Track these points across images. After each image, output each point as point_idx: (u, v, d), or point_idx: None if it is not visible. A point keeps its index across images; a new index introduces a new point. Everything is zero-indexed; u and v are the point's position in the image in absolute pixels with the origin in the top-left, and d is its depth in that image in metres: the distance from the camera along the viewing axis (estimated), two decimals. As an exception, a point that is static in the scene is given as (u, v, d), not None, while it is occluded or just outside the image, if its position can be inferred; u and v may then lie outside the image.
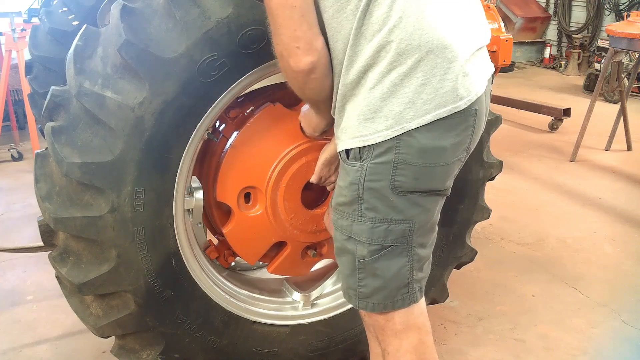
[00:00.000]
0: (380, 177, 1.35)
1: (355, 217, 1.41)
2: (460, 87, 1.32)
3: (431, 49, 1.29)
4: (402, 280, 1.45)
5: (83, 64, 1.58)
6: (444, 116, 1.32)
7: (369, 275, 1.44)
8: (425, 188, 1.39)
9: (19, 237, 3.60)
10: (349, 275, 1.48)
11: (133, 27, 1.51)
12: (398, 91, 1.30)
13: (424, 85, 1.30)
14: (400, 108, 1.30)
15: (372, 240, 1.40)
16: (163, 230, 1.71)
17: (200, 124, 1.65)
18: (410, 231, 1.41)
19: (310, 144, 1.92)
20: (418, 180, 1.36)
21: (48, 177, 1.65)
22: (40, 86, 2.98)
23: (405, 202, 1.38)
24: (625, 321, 2.78)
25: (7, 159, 4.99)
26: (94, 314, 1.79)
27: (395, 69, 1.30)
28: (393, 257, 1.42)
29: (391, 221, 1.39)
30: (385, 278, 1.44)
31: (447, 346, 2.57)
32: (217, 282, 1.97)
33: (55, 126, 1.58)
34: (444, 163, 1.38)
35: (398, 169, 1.34)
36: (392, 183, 1.35)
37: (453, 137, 1.36)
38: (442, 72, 1.30)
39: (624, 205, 4.14)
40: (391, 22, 1.28)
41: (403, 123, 1.31)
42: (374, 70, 1.31)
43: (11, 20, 4.80)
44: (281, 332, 2.07)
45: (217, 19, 1.53)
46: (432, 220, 1.47)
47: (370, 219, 1.39)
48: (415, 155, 1.33)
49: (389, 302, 1.46)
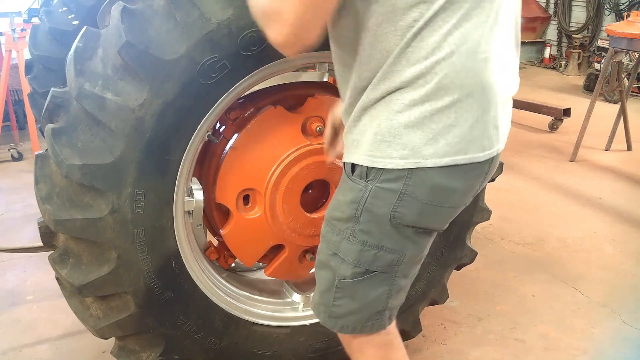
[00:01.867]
0: (382, 203, 1.29)
1: (346, 235, 1.35)
2: (486, 139, 1.27)
3: (472, 92, 1.22)
4: (376, 307, 1.41)
5: (83, 66, 1.58)
6: (461, 164, 1.26)
7: (346, 296, 1.40)
8: (425, 226, 1.34)
9: (19, 237, 3.60)
10: (325, 291, 1.44)
11: (133, 28, 1.51)
12: (425, 124, 1.22)
13: (452, 127, 1.23)
14: (422, 142, 1.23)
15: (358, 263, 1.35)
16: (163, 232, 1.71)
17: (200, 126, 1.65)
18: (399, 262, 1.36)
19: (310, 147, 1.91)
20: (420, 217, 1.31)
21: (48, 178, 1.65)
22: (40, 86, 2.98)
23: (399, 235, 1.33)
24: (625, 321, 2.78)
25: (7, 159, 4.98)
26: (94, 315, 1.79)
27: (430, 101, 1.21)
28: (375, 283, 1.38)
29: (382, 248, 1.33)
30: (362, 302, 1.39)
31: (447, 346, 2.57)
32: (217, 283, 1.97)
33: (55, 128, 1.58)
34: (451, 206, 1.33)
35: (403, 201, 1.27)
36: (393, 213, 1.29)
37: (466, 180, 1.30)
38: (474, 119, 1.24)
39: (624, 205, 4.14)
40: (441, 54, 1.19)
41: (419, 158, 1.23)
42: (406, 95, 1.23)
43: (11, 20, 4.79)
44: (281, 333, 2.07)
45: (217, 20, 1.53)
46: (421, 255, 1.43)
47: (362, 241, 1.33)
48: (424, 191, 1.27)
49: (357, 326, 1.43)
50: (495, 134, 1.29)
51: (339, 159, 1.57)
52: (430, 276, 2.21)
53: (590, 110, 5.02)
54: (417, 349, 2.54)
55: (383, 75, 1.24)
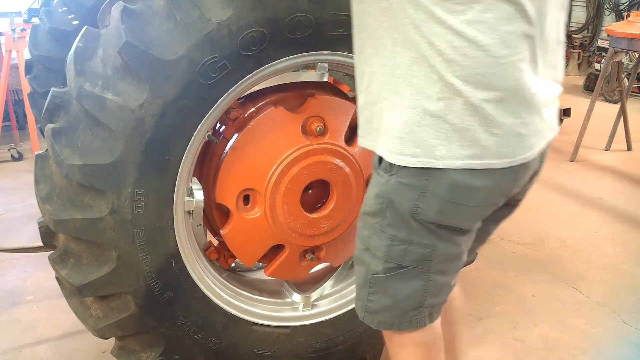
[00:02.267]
0: (404, 198, 1.25)
1: (375, 230, 1.32)
2: (504, 147, 1.19)
3: (499, 90, 1.15)
4: (413, 303, 1.36)
5: (83, 66, 1.58)
6: (476, 168, 1.20)
7: (380, 292, 1.37)
8: (448, 224, 1.28)
9: (19, 237, 3.60)
10: (361, 285, 1.41)
11: (133, 28, 1.51)
12: (438, 124, 1.17)
13: (467, 131, 1.17)
14: (434, 141, 1.18)
15: (388, 258, 1.32)
16: (163, 232, 1.71)
17: (200, 126, 1.65)
18: (431, 257, 1.31)
19: (310, 147, 1.91)
20: (442, 214, 1.26)
21: (48, 178, 1.65)
22: (40, 86, 2.98)
23: (425, 230, 1.28)
24: (625, 321, 2.78)
25: (7, 159, 4.99)
26: (94, 315, 1.79)
27: (444, 100, 1.16)
28: (408, 278, 1.33)
29: (411, 242, 1.29)
30: (396, 298, 1.36)
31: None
32: (217, 283, 1.97)
33: (55, 128, 1.58)
34: (475, 204, 1.26)
35: (424, 197, 1.23)
36: (414, 209, 1.25)
37: (490, 180, 1.23)
38: (492, 124, 1.17)
39: (624, 205, 4.14)
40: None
41: (431, 158, 1.19)
42: (422, 90, 1.18)
43: (11, 20, 4.80)
44: (281, 333, 2.07)
45: (217, 20, 1.53)
46: (456, 251, 1.36)
47: (390, 236, 1.30)
48: (444, 189, 1.22)
49: (395, 322, 1.39)
50: (518, 142, 1.20)
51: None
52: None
53: (590, 110, 5.02)
54: (417, 349, 2.54)
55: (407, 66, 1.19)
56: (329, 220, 2.02)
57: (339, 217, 2.04)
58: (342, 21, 1.67)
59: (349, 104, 2.01)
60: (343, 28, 1.69)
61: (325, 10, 1.64)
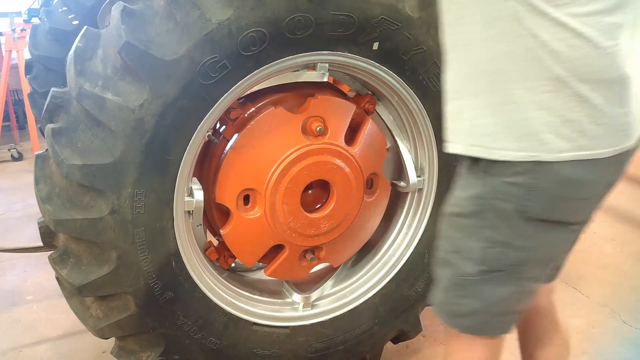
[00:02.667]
0: (510, 198, 1.21)
1: (469, 231, 1.28)
2: (610, 136, 1.17)
3: (602, 83, 1.14)
4: (502, 308, 1.33)
5: (83, 66, 1.58)
6: (585, 159, 1.17)
7: (470, 295, 1.32)
8: (556, 219, 1.24)
9: (19, 237, 3.61)
10: (446, 289, 1.37)
11: (133, 28, 1.51)
12: (545, 117, 1.15)
13: (571, 122, 1.15)
14: (543, 135, 1.16)
15: (483, 260, 1.27)
16: (163, 232, 1.71)
17: (200, 126, 1.65)
18: (527, 260, 1.27)
19: (310, 147, 1.91)
20: (551, 210, 1.22)
21: (48, 178, 1.65)
22: (40, 86, 2.99)
23: (529, 230, 1.24)
24: (625, 321, 2.78)
25: (7, 159, 4.99)
26: (94, 315, 1.79)
27: (550, 92, 1.14)
28: (501, 283, 1.29)
29: (509, 245, 1.25)
30: (487, 302, 1.31)
31: (447, 346, 2.57)
32: (217, 283, 1.97)
33: (55, 128, 1.58)
34: (584, 197, 1.24)
35: (532, 194, 1.20)
36: (522, 208, 1.21)
37: (597, 171, 1.21)
38: (600, 114, 1.15)
39: (624, 205, 4.14)
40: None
41: (538, 151, 1.16)
42: (525, 84, 1.16)
43: (11, 20, 4.81)
44: (281, 333, 2.07)
45: (217, 20, 1.53)
46: (552, 253, 1.34)
47: (487, 237, 1.26)
48: (553, 182, 1.18)
49: (483, 327, 1.35)
50: (625, 130, 1.19)
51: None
52: (430, 276, 2.21)
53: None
54: (417, 349, 2.54)
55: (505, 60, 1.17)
56: (329, 221, 2.02)
57: (339, 217, 2.03)
58: (342, 21, 1.67)
59: (349, 104, 2.01)
60: (343, 28, 1.69)
61: (325, 10, 1.64)
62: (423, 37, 1.82)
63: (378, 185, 2.15)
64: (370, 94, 2.06)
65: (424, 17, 1.79)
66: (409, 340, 2.40)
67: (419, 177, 2.13)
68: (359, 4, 1.68)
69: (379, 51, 1.79)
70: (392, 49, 1.80)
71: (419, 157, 2.12)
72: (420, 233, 2.17)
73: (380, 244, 2.26)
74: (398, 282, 2.19)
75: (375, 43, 1.77)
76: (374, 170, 2.10)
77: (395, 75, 1.87)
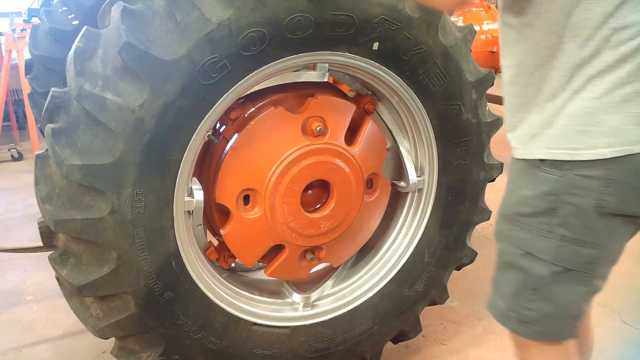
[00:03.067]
0: (586, 193, 1.20)
1: (540, 231, 1.26)
2: None
3: None
4: (574, 310, 1.30)
5: (83, 66, 1.58)
6: None
7: (542, 299, 1.29)
8: (631, 212, 1.23)
9: (19, 237, 3.61)
10: (513, 295, 1.33)
11: (133, 28, 1.51)
12: (625, 109, 1.16)
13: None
14: (625, 127, 1.16)
15: (556, 260, 1.25)
16: (163, 232, 1.71)
17: (200, 126, 1.65)
18: (598, 258, 1.26)
19: (310, 147, 1.91)
20: (627, 203, 1.21)
21: (48, 178, 1.65)
22: (40, 86, 2.99)
23: (605, 226, 1.23)
24: (625, 321, 2.78)
25: (7, 159, 4.99)
26: (94, 315, 1.79)
27: (631, 83, 1.15)
28: (573, 283, 1.27)
29: (583, 243, 1.23)
30: (560, 305, 1.29)
31: (447, 346, 2.57)
32: (217, 283, 1.97)
33: (55, 128, 1.58)
34: None
35: (609, 188, 1.18)
36: (599, 202, 1.19)
37: None
38: None
39: (624, 205, 4.14)
40: None
41: (626, 145, 1.16)
42: (604, 78, 1.16)
43: (11, 20, 4.81)
44: (281, 333, 2.07)
45: (217, 20, 1.53)
46: (619, 252, 1.32)
47: (560, 236, 1.24)
48: (630, 175, 1.18)
49: (556, 332, 1.32)
50: None
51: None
52: (430, 276, 2.21)
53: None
54: (417, 349, 2.54)
55: (581, 61, 1.18)
56: (329, 221, 2.02)
57: (339, 217, 2.03)
58: (342, 21, 1.67)
59: (349, 104, 2.01)
60: (343, 28, 1.69)
61: (325, 10, 1.64)
62: (423, 37, 1.82)
63: (378, 185, 2.15)
64: (370, 94, 2.06)
65: (424, 17, 1.79)
66: (409, 340, 2.40)
67: (419, 177, 2.13)
68: (359, 4, 1.68)
69: (379, 51, 1.79)
70: (392, 49, 1.80)
71: (419, 157, 2.12)
72: (420, 233, 2.17)
73: (380, 244, 2.26)
74: (398, 282, 2.20)
75: (375, 43, 1.77)
76: (374, 170, 2.10)
77: (395, 75, 1.87)
